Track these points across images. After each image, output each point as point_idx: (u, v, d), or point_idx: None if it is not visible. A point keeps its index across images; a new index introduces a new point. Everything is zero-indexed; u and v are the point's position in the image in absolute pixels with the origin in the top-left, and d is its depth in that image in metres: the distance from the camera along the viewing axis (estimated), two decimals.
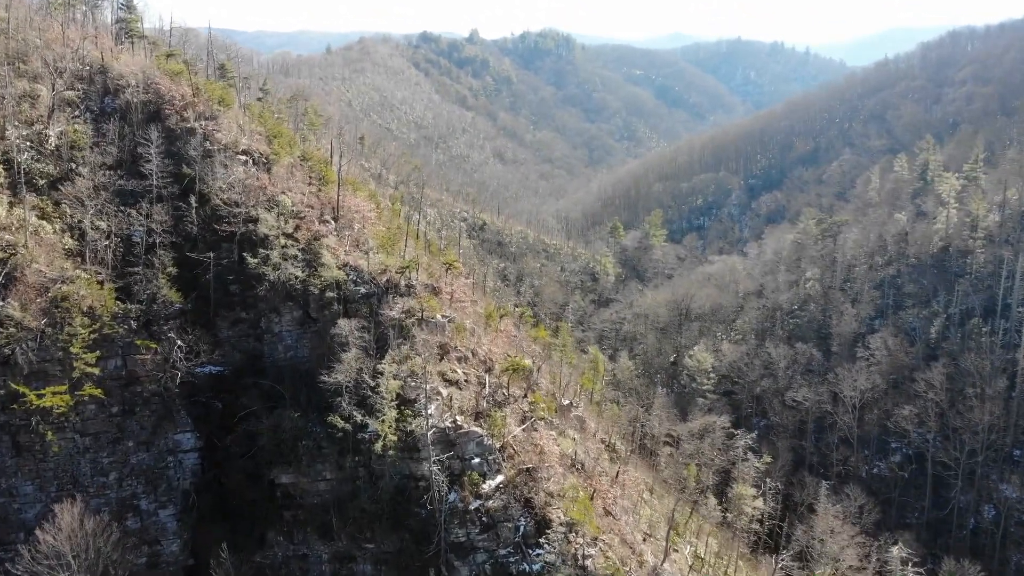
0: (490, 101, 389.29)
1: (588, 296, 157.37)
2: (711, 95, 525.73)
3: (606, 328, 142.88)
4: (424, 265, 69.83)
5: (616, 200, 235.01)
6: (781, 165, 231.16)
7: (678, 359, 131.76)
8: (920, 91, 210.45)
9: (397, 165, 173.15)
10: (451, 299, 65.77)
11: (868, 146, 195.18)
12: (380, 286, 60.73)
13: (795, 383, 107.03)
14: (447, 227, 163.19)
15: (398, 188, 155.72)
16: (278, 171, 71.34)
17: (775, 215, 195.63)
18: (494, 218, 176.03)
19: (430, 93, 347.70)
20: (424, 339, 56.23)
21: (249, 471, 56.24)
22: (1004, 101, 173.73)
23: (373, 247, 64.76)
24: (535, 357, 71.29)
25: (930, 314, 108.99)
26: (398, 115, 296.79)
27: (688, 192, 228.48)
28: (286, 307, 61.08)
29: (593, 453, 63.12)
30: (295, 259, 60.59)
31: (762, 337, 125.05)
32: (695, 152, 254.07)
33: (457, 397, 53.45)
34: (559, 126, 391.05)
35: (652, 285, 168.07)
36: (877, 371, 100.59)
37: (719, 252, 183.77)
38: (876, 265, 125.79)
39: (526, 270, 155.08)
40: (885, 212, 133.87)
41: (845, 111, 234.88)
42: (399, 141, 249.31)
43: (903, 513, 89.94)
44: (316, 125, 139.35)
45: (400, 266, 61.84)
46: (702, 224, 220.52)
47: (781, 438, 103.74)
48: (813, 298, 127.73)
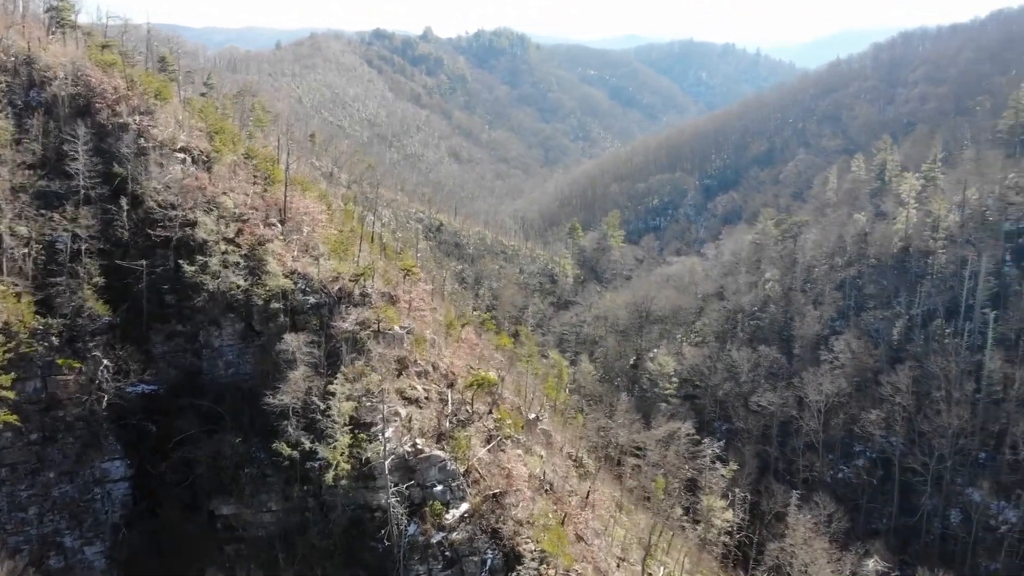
0: (445, 99, 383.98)
1: (547, 298, 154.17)
2: (664, 95, 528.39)
3: (566, 331, 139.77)
4: (380, 271, 65.39)
5: (573, 200, 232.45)
6: (736, 165, 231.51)
7: (639, 362, 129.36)
8: (873, 91, 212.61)
9: (349, 164, 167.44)
10: (409, 308, 61.51)
11: (823, 146, 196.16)
12: (331, 295, 56.15)
13: (759, 387, 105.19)
14: (403, 228, 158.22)
15: (351, 188, 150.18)
16: (220, 170, 66.19)
17: (731, 215, 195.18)
18: (451, 219, 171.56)
19: (383, 91, 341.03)
20: (381, 353, 51.92)
21: (186, 502, 51.20)
22: (958, 101, 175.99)
23: (324, 252, 60.14)
24: (499, 368, 67.44)
25: (892, 315, 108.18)
26: (350, 112, 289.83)
27: (644, 193, 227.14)
28: (227, 319, 56.11)
29: (561, 470, 59.55)
30: (237, 266, 55.67)
31: (723, 340, 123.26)
32: (651, 152, 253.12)
33: (417, 417, 49.24)
34: (514, 125, 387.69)
35: (611, 287, 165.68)
36: (842, 374, 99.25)
37: (677, 253, 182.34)
38: (836, 266, 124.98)
39: (485, 272, 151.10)
40: (844, 212, 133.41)
41: (799, 111, 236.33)
42: (352, 139, 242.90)
43: (871, 519, 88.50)
44: (264, 122, 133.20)
45: (354, 273, 57.35)
46: (658, 225, 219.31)
47: (746, 444, 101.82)
48: (773, 299, 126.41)
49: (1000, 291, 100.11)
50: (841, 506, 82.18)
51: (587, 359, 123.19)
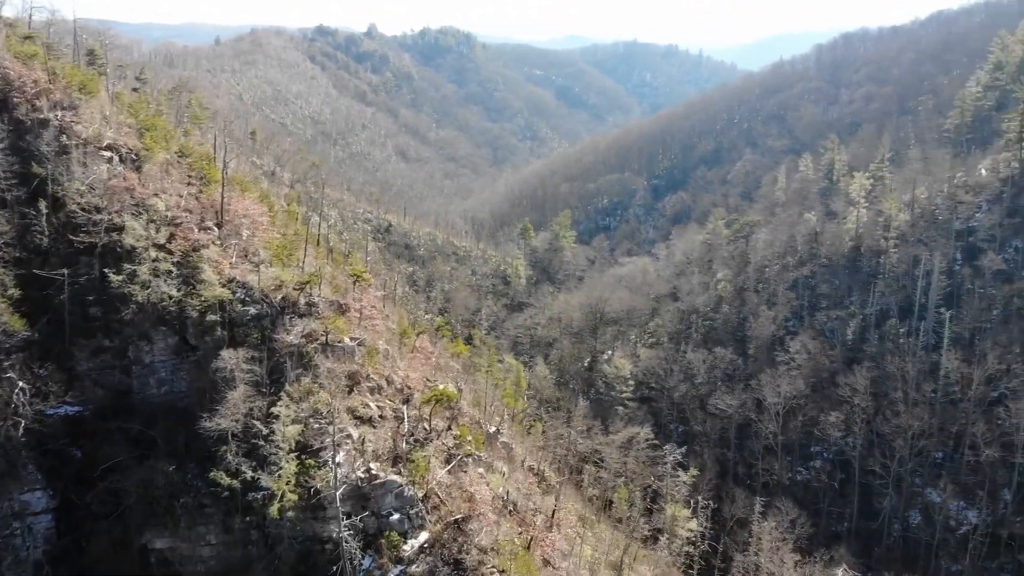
0: (390, 97, 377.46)
1: (500, 300, 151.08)
2: (609, 96, 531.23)
3: (520, 334, 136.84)
4: (327, 277, 61.20)
5: (523, 201, 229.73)
6: (684, 165, 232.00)
7: (593, 364, 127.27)
8: (817, 92, 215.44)
9: (293, 162, 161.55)
10: (360, 317, 57.50)
11: (770, 146, 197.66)
12: (274, 305, 51.82)
13: (716, 389, 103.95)
14: (350, 229, 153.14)
15: (294, 187, 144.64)
16: (150, 170, 61.11)
17: (681, 215, 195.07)
18: (400, 219, 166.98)
19: (327, 87, 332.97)
20: (329, 369, 47.86)
21: (116, 535, 46.31)
22: (902, 101, 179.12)
23: (265, 259, 55.69)
24: (456, 378, 63.97)
25: (847, 315, 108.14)
26: (293, 110, 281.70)
27: (594, 193, 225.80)
28: (158, 333, 51.26)
29: (524, 487, 56.34)
30: (169, 275, 50.85)
31: (678, 341, 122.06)
32: (600, 153, 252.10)
33: (371, 438, 45.40)
34: (462, 124, 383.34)
35: (564, 288, 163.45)
36: (799, 375, 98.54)
37: (628, 253, 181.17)
38: (788, 266, 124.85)
39: (436, 274, 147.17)
40: (795, 212, 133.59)
41: (745, 112, 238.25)
42: (295, 137, 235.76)
43: (832, 523, 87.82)
44: (201, 119, 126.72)
45: (299, 281, 53.11)
46: (608, 225, 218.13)
47: (704, 447, 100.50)
48: (726, 300, 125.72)
49: (953, 290, 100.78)
50: (803, 511, 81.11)
51: (542, 362, 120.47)
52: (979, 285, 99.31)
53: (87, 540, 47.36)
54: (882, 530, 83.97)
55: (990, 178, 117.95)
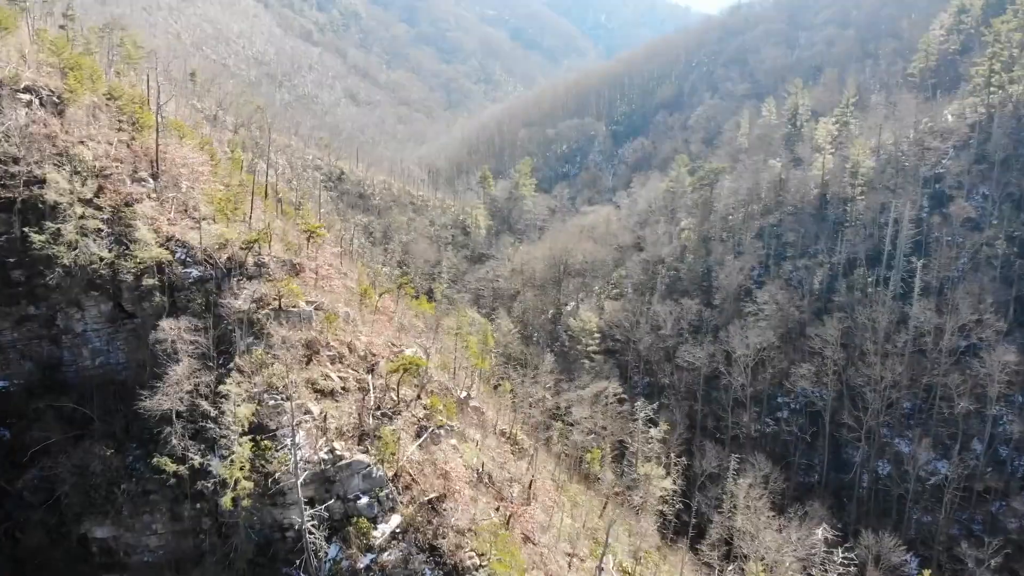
0: (338, 37, 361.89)
1: (460, 252, 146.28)
2: (564, 38, 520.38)
3: (482, 287, 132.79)
4: (278, 233, 56.04)
5: (480, 147, 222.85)
6: (643, 111, 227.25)
7: (557, 316, 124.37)
8: (779, 35, 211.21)
9: (236, 105, 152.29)
10: (316, 277, 52.72)
11: (731, 91, 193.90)
12: (219, 267, 46.70)
13: (683, 341, 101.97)
14: (300, 178, 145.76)
15: (238, 132, 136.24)
16: (75, 114, 54.66)
17: (641, 162, 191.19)
18: (353, 166, 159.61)
19: (271, 26, 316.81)
20: (284, 337, 43.35)
21: (51, 524, 41.76)
22: (864, 44, 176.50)
23: (208, 214, 50.29)
24: (421, 339, 59.85)
25: (814, 264, 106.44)
26: (235, 50, 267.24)
27: (553, 139, 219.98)
28: (90, 299, 45.96)
29: (498, 456, 53.11)
30: (98, 234, 45.33)
31: (642, 292, 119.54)
32: (558, 97, 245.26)
33: (334, 414, 41.24)
34: (414, 66, 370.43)
35: (525, 238, 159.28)
36: (768, 326, 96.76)
37: (589, 202, 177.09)
38: (753, 214, 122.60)
39: (393, 226, 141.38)
40: (760, 159, 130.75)
41: (705, 55, 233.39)
42: (237, 78, 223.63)
43: (802, 475, 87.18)
44: (135, 59, 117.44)
45: (246, 239, 47.94)
46: (568, 172, 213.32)
47: (672, 400, 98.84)
48: (691, 250, 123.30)
49: (921, 239, 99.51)
50: (775, 465, 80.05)
51: (506, 316, 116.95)
52: (947, 233, 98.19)
53: (20, 530, 42.73)
54: (854, 482, 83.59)
55: (957, 124, 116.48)
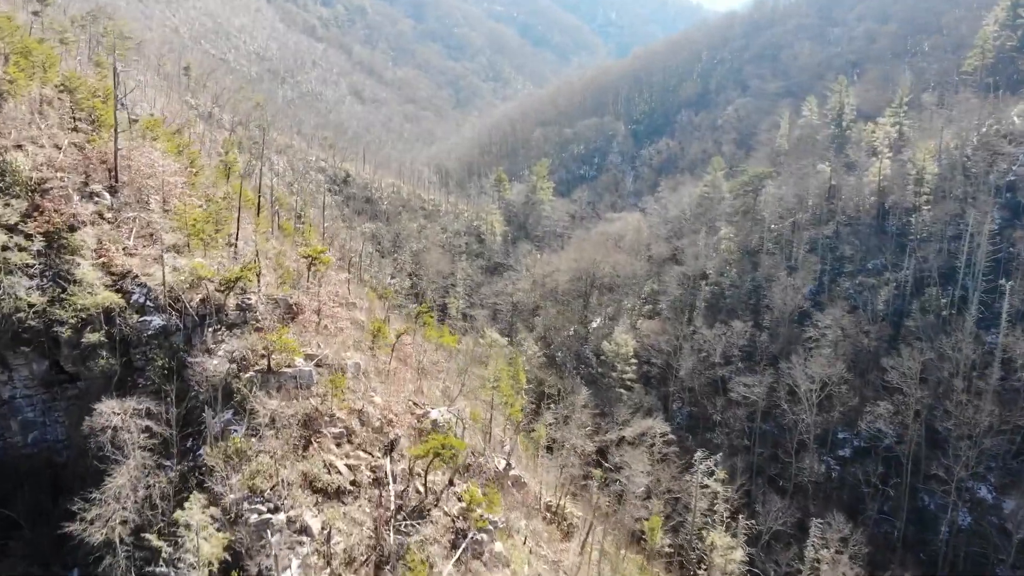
0: (343, 33, 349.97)
1: (475, 261, 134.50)
2: (573, 35, 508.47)
3: (499, 302, 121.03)
4: (271, 258, 44.48)
5: (493, 148, 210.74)
6: (664, 109, 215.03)
7: (583, 335, 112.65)
8: (811, 30, 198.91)
9: (233, 102, 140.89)
10: (318, 318, 41.06)
11: (763, 89, 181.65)
12: (191, 313, 35.10)
13: (736, 371, 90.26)
14: (301, 179, 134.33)
15: (235, 131, 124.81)
16: (15, 110, 43.22)
17: (667, 165, 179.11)
18: (359, 168, 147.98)
19: (274, 21, 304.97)
20: (274, 412, 31.68)
21: None
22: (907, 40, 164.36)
23: (178, 241, 38.68)
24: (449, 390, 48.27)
25: (879, 283, 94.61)
26: (235, 44, 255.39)
27: (571, 139, 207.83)
28: (19, 356, 34.49)
29: (550, 552, 41.40)
30: (29, 271, 33.78)
31: (680, 310, 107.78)
32: (575, 95, 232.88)
33: (341, 527, 29.56)
34: (421, 63, 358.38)
35: (543, 245, 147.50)
36: (833, 354, 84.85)
37: (612, 208, 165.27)
38: (802, 224, 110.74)
39: (403, 233, 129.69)
40: (809, 163, 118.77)
41: (730, 52, 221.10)
42: (237, 74, 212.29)
43: (878, 528, 75.12)
44: (119, 50, 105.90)
45: (226, 276, 36.29)
46: (585, 174, 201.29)
47: (723, 437, 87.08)
48: (734, 263, 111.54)
49: (1001, 255, 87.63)
50: (849, 520, 68.28)
51: (532, 339, 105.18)
52: None
53: None
54: (937, 539, 71.75)
55: None
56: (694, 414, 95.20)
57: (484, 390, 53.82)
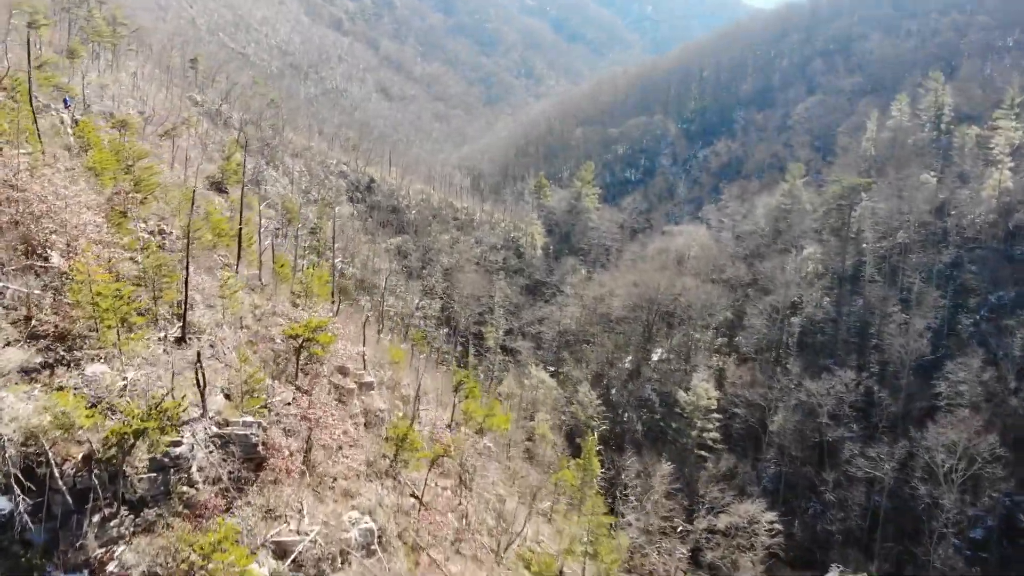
0: (370, 27, 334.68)
1: (514, 279, 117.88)
2: (608, 30, 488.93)
3: (543, 330, 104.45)
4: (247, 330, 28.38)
5: (530, 149, 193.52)
6: (719, 107, 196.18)
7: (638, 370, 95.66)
8: (884, 21, 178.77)
9: (245, 98, 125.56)
10: (304, 463, 24.58)
11: (836, 86, 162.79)
12: (60, 488, 18.67)
13: (849, 436, 72.79)
14: (320, 186, 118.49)
15: (244, 130, 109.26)
16: None
17: (727, 169, 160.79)
18: (385, 172, 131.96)
19: (298, 14, 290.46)
20: None
21: None
22: (1005, 32, 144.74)
23: (82, 330, 22.36)
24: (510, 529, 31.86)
25: (1017, 323, 76.56)
26: (256, 37, 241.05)
27: (616, 139, 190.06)
28: None
29: None
30: None
31: (766, 348, 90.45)
32: (619, 92, 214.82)
33: None
34: (451, 58, 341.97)
35: (592, 261, 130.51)
36: (974, 419, 67.02)
37: (667, 217, 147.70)
38: (910, 246, 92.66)
39: (433, 247, 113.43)
40: (913, 173, 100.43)
41: (791, 45, 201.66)
42: (257, 68, 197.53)
43: None
44: (106, 36, 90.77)
45: (124, 427, 19.77)
46: (631, 178, 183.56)
47: (834, 518, 69.74)
48: (827, 290, 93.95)
49: None
50: None
51: (583, 377, 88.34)
52: None
53: None
54: None
55: None
56: (791, 481, 77.69)
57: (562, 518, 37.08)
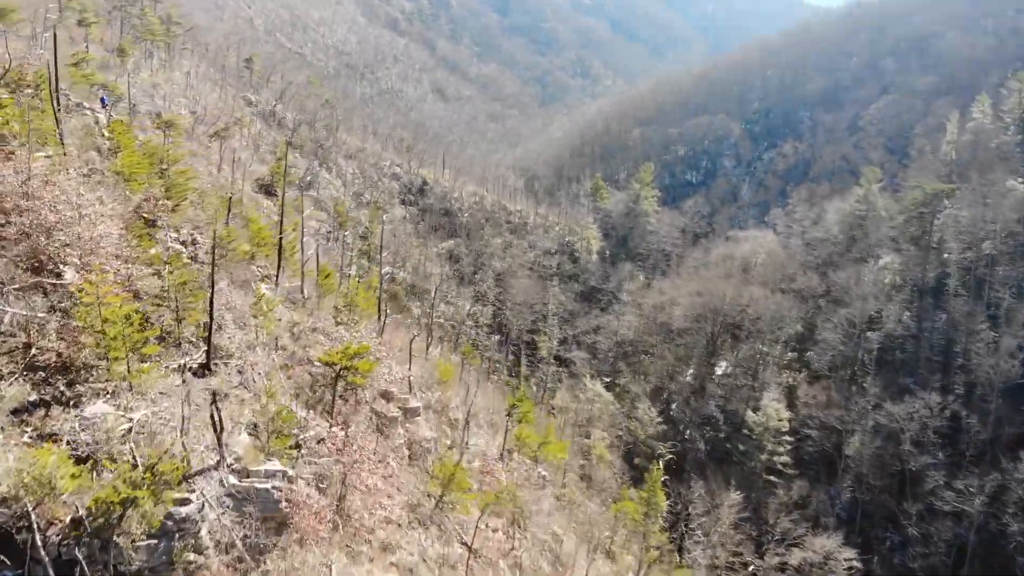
0: (426, 27, 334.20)
1: (568, 285, 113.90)
2: (667, 29, 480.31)
3: (599, 339, 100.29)
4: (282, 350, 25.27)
5: (585, 149, 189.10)
6: (783, 107, 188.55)
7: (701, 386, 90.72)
8: (961, 19, 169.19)
9: (300, 98, 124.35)
10: (336, 519, 21.24)
11: (911, 86, 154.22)
12: (42, 559, 15.55)
13: (933, 464, 66.90)
14: (372, 188, 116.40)
15: (296, 132, 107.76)
16: None
17: (794, 172, 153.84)
18: (438, 174, 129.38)
19: (355, 15, 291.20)
20: None
21: None
22: None
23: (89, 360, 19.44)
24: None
25: None
26: (313, 38, 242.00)
27: (676, 139, 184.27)
28: None
29: None
30: None
31: (840, 366, 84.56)
32: (679, 91, 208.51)
33: None
34: (507, 58, 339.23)
35: (650, 266, 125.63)
36: None
37: (730, 221, 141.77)
38: (998, 258, 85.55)
39: (485, 251, 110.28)
40: (999, 178, 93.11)
41: (860, 45, 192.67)
42: (313, 69, 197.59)
43: None
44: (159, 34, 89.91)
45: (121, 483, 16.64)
46: (692, 180, 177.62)
47: (917, 554, 64.02)
48: (908, 305, 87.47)
49: None
50: None
51: (643, 393, 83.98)
52: None
53: None
54: None
55: None
56: (868, 511, 71.95)
57: None
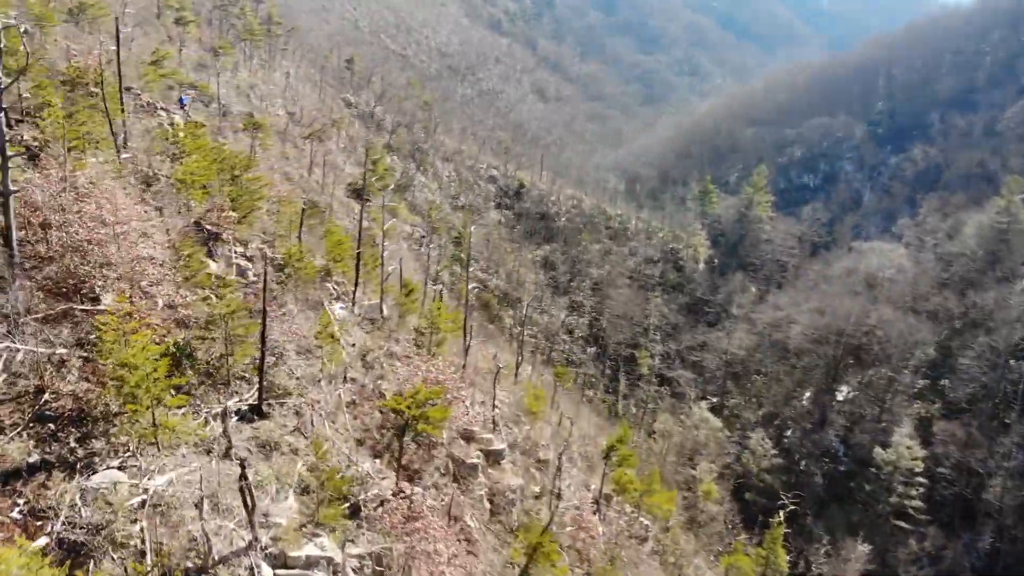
0: (529, 27, 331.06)
1: (672, 297, 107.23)
2: (780, 26, 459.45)
3: (706, 357, 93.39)
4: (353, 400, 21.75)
5: (692, 150, 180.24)
6: (910, 109, 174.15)
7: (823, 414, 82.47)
8: None
9: (399, 100, 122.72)
10: None
11: None
12: None
13: None
14: (468, 191, 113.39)
15: (395, 133, 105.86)
16: None
17: (923, 178, 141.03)
18: (535, 177, 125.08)
19: (458, 16, 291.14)
20: None
21: None
22: None
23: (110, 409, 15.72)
24: None
25: None
26: (417, 39, 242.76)
27: (792, 141, 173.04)
28: None
29: None
30: None
31: (981, 399, 74.80)
32: (796, 90, 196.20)
33: None
34: (609, 57, 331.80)
35: (764, 278, 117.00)
36: None
37: (853, 231, 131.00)
38: None
39: (583, 258, 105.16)
40: None
41: (993, 43, 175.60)
42: (416, 70, 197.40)
43: None
44: (259, 35, 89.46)
45: None
46: (809, 184, 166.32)
47: None
48: None
49: None
50: None
51: (762, 435, 76.45)
52: None
53: None
54: None
55: None
56: (1010, 563, 62.87)
57: None
